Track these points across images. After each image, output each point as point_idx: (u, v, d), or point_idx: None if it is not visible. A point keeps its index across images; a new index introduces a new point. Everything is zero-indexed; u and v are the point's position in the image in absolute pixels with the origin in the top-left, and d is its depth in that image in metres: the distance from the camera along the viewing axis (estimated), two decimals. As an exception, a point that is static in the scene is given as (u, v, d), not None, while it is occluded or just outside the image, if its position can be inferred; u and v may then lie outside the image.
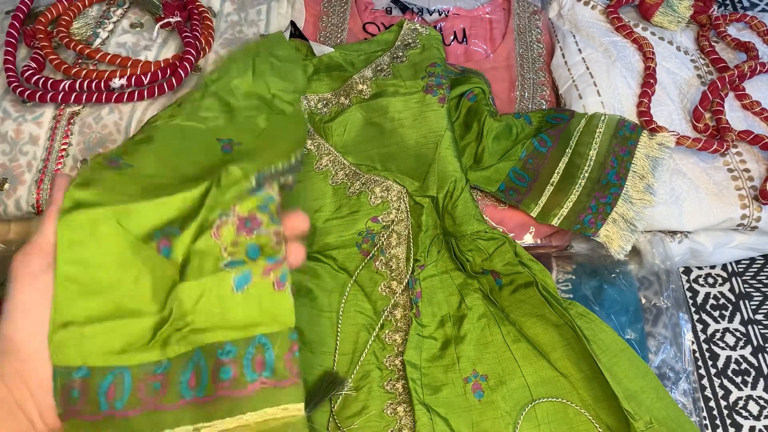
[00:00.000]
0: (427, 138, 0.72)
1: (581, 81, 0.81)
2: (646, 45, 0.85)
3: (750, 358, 0.73)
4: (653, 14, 0.88)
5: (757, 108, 0.81)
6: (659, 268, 0.72)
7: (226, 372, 0.41)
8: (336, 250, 0.68)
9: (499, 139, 0.75)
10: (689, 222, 0.73)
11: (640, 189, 0.72)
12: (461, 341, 0.63)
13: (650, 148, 0.74)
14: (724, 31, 0.89)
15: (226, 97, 0.63)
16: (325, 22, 0.90)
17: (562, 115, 0.78)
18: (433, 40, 0.79)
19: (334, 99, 0.76)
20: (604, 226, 0.70)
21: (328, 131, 0.74)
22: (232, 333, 0.42)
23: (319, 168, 0.72)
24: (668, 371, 0.67)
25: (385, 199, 0.70)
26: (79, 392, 0.40)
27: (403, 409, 0.59)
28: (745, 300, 0.78)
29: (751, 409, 0.70)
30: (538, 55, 0.88)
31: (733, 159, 0.77)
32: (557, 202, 0.72)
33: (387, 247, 0.68)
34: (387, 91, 0.75)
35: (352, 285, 0.66)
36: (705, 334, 0.75)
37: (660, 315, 0.70)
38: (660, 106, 0.80)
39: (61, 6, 0.82)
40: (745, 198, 0.74)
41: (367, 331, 0.64)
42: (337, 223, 0.69)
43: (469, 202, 0.69)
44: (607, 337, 0.62)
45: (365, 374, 0.61)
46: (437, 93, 0.73)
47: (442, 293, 0.66)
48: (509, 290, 0.65)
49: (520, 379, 0.61)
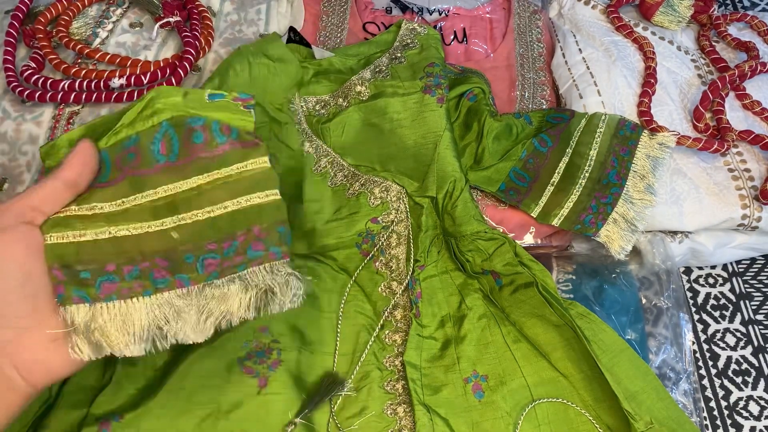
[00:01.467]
0: (426, 138, 0.72)
1: (582, 81, 0.81)
2: (647, 45, 0.85)
3: (750, 359, 0.73)
4: (654, 14, 0.88)
5: (757, 108, 0.81)
6: (660, 268, 0.72)
7: (198, 137, 0.44)
8: (336, 251, 0.68)
9: (500, 139, 0.75)
10: (690, 222, 0.73)
11: (640, 189, 0.72)
12: (461, 341, 0.63)
13: (651, 148, 0.74)
14: (724, 31, 0.89)
15: None
16: (324, 22, 0.89)
17: (562, 114, 0.78)
18: (431, 40, 0.79)
19: (332, 101, 0.76)
20: (605, 226, 0.70)
21: (326, 132, 0.74)
22: (197, 112, 0.45)
23: (317, 170, 0.72)
24: (669, 371, 0.66)
25: (385, 199, 0.70)
26: None
27: (403, 410, 0.59)
28: (746, 300, 0.78)
29: (751, 409, 0.70)
30: (538, 55, 0.88)
31: (734, 159, 0.77)
32: (558, 202, 0.72)
33: (387, 247, 0.68)
34: (385, 92, 0.75)
35: (352, 285, 0.66)
36: (705, 335, 0.75)
37: (660, 315, 0.70)
38: (660, 105, 0.80)
39: (61, 5, 0.81)
40: (746, 198, 0.74)
41: (367, 332, 0.64)
42: (337, 224, 0.69)
43: (468, 202, 0.69)
44: (608, 337, 0.61)
45: (365, 375, 0.61)
46: (436, 93, 0.73)
47: (442, 293, 0.66)
48: (509, 290, 0.65)
49: (520, 380, 0.61)
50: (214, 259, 0.42)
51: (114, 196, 0.43)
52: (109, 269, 0.41)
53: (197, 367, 0.58)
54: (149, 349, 0.41)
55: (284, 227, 0.44)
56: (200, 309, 0.42)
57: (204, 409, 0.57)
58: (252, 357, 0.59)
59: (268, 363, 0.59)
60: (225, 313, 0.42)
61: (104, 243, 0.42)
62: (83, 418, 0.55)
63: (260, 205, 0.43)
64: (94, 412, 0.55)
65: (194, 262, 0.42)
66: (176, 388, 0.57)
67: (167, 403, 0.56)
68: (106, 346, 0.41)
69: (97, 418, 0.55)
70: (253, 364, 0.59)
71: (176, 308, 0.41)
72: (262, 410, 0.57)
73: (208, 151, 0.44)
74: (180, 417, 0.56)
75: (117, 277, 0.41)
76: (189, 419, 0.56)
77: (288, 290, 0.43)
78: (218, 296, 0.42)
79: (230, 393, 0.58)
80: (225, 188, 0.43)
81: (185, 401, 0.57)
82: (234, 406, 0.57)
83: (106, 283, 0.41)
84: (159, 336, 0.42)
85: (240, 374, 0.58)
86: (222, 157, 0.44)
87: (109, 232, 0.42)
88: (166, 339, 0.42)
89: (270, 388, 0.58)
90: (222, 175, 0.44)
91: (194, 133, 0.44)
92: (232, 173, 0.44)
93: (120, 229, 0.42)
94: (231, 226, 0.43)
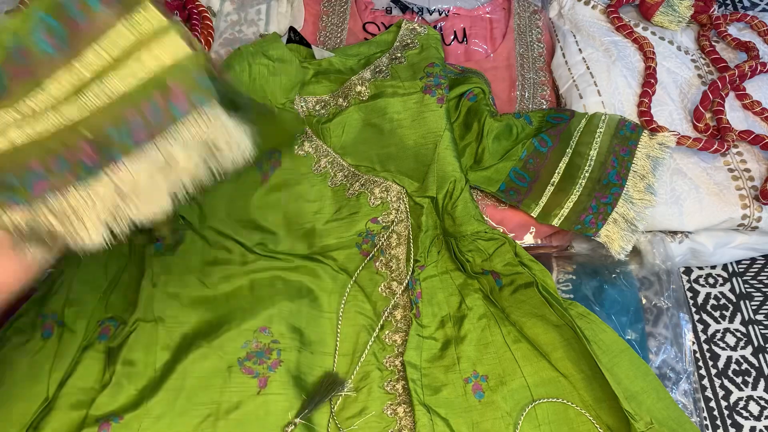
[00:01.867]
0: (426, 138, 0.72)
1: (582, 81, 0.81)
2: (647, 45, 0.84)
3: (750, 359, 0.73)
4: (654, 14, 0.88)
5: (757, 108, 0.81)
6: (660, 268, 0.72)
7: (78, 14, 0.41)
8: (336, 251, 0.68)
9: (500, 139, 0.75)
10: (690, 222, 0.73)
11: (640, 189, 0.72)
12: (461, 342, 0.63)
13: (651, 148, 0.74)
14: (724, 31, 0.88)
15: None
16: (325, 22, 0.89)
17: (562, 114, 0.78)
18: (431, 40, 0.79)
19: (332, 101, 0.76)
20: (605, 227, 0.70)
21: (327, 132, 0.74)
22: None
23: (317, 170, 0.72)
24: (669, 371, 0.66)
25: (385, 199, 0.70)
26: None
27: (403, 410, 0.59)
28: (746, 300, 0.78)
29: (751, 409, 0.70)
30: (538, 55, 0.88)
31: (734, 159, 0.77)
32: (558, 202, 0.72)
33: (387, 247, 0.68)
34: (386, 92, 0.75)
35: (352, 286, 0.66)
36: (705, 335, 0.75)
37: (660, 315, 0.70)
38: (660, 105, 0.80)
39: (61, 6, 0.81)
40: (746, 198, 0.73)
41: (367, 332, 0.64)
42: (337, 224, 0.69)
43: (468, 202, 0.69)
44: (608, 337, 0.61)
45: (365, 375, 0.61)
46: (436, 93, 0.73)
47: (442, 293, 0.66)
48: (509, 290, 0.65)
49: (520, 380, 0.61)
50: (139, 128, 0.40)
51: (17, 101, 0.41)
52: (34, 167, 0.39)
53: (197, 367, 0.58)
54: (108, 237, 0.40)
55: (202, 76, 0.41)
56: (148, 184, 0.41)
57: (204, 410, 0.57)
58: (252, 357, 0.59)
59: (268, 363, 0.59)
60: (177, 181, 0.41)
61: (24, 147, 0.40)
62: (83, 418, 0.55)
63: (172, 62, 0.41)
64: (93, 412, 0.55)
65: (121, 136, 0.39)
66: (176, 389, 0.57)
67: (167, 404, 0.56)
68: (58, 242, 0.40)
69: (97, 418, 0.55)
70: (253, 365, 0.59)
71: (118, 189, 0.40)
72: (262, 410, 0.57)
73: (91, 22, 0.41)
74: (180, 417, 0.56)
75: (45, 173, 0.39)
76: (189, 420, 0.56)
77: (233, 142, 0.42)
78: (162, 163, 0.40)
79: (230, 393, 0.58)
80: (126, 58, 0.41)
81: (185, 401, 0.57)
82: (234, 406, 0.57)
83: (35, 181, 0.39)
84: (114, 222, 0.40)
85: (240, 375, 0.58)
86: (106, 24, 0.41)
87: (26, 135, 0.40)
88: (123, 223, 0.41)
89: (270, 389, 0.58)
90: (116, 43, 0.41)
91: (71, 11, 0.41)
92: (125, 36, 0.41)
93: (36, 129, 0.40)
94: (143, 89, 0.40)
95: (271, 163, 0.71)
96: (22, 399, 0.55)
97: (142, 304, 0.61)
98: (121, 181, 0.40)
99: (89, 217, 0.39)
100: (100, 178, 0.40)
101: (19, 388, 0.55)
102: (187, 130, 0.41)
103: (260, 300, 0.63)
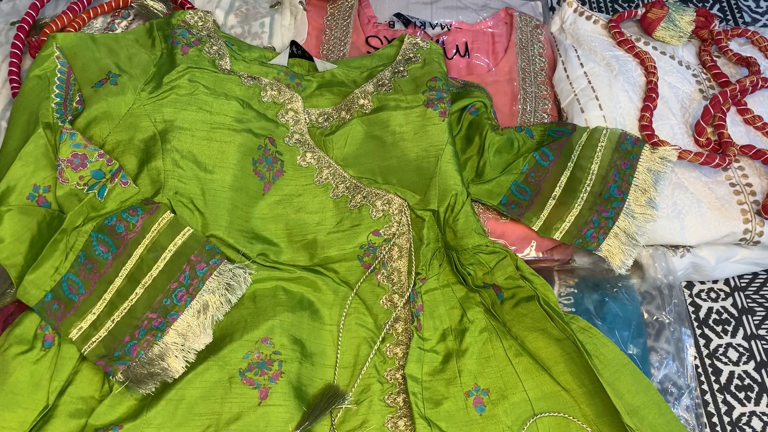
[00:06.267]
0: (428, 152, 0.72)
1: (583, 95, 0.82)
2: (648, 59, 0.85)
3: (753, 374, 0.73)
4: (655, 29, 0.89)
5: (759, 122, 0.81)
6: (661, 282, 0.72)
7: (119, 227, 0.63)
8: (337, 263, 0.68)
9: (501, 153, 0.76)
10: (691, 236, 0.73)
11: (642, 203, 0.72)
12: (463, 355, 0.63)
13: (652, 162, 0.74)
14: (725, 46, 0.89)
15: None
16: (328, 36, 0.90)
17: (563, 128, 0.78)
18: (434, 54, 0.80)
19: (335, 113, 0.76)
20: (606, 241, 0.70)
21: (329, 144, 0.74)
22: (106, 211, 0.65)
23: (319, 181, 0.72)
24: (671, 387, 0.66)
25: (387, 212, 0.70)
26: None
27: (404, 423, 0.59)
28: (748, 315, 0.77)
29: (754, 425, 0.69)
30: (540, 69, 0.88)
31: (736, 173, 0.77)
32: (559, 216, 0.72)
33: (388, 260, 0.68)
34: (388, 105, 0.75)
35: (354, 298, 0.66)
36: (708, 349, 0.75)
37: (662, 330, 0.69)
38: (662, 120, 0.81)
39: (66, 18, 0.82)
40: (748, 212, 0.74)
41: (368, 345, 0.64)
42: (339, 236, 0.69)
43: (470, 215, 0.69)
44: (609, 351, 0.61)
45: (366, 387, 0.61)
46: (438, 107, 0.74)
47: (443, 306, 0.66)
48: (511, 304, 0.65)
49: (521, 394, 0.61)
50: (181, 291, 0.60)
51: (97, 298, 0.60)
52: (126, 340, 0.58)
53: (198, 378, 0.58)
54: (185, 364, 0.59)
55: (209, 244, 0.63)
56: (196, 324, 0.60)
57: (204, 420, 0.57)
58: (253, 368, 0.59)
59: (269, 374, 0.59)
60: (212, 315, 0.61)
61: (113, 329, 0.59)
62: (82, 427, 0.55)
63: (184, 242, 0.62)
64: (93, 422, 0.55)
65: (171, 301, 0.60)
66: (176, 399, 0.57)
67: (167, 414, 0.56)
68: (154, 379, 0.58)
69: (97, 428, 0.55)
70: (254, 376, 0.59)
71: (180, 333, 0.59)
72: (263, 422, 0.57)
73: (133, 232, 0.62)
74: (180, 428, 0.56)
75: (134, 341, 0.58)
76: (189, 430, 0.56)
77: (239, 279, 0.62)
78: (201, 309, 0.60)
79: (231, 404, 0.57)
80: (156, 247, 0.62)
81: (185, 412, 0.57)
82: (234, 417, 0.57)
83: (130, 348, 0.58)
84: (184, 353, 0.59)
85: (241, 385, 0.58)
86: (143, 229, 0.63)
87: (112, 321, 0.59)
88: (189, 354, 0.59)
89: (270, 400, 0.57)
90: (149, 240, 0.62)
91: (116, 227, 0.62)
92: (153, 234, 0.62)
93: (115, 314, 0.59)
94: (176, 266, 0.61)
95: (273, 173, 0.71)
96: (22, 406, 0.55)
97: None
98: (179, 328, 0.59)
99: (170, 357, 0.58)
100: (166, 332, 0.59)
101: (19, 396, 0.55)
102: (212, 284, 0.61)
103: (262, 311, 0.63)
